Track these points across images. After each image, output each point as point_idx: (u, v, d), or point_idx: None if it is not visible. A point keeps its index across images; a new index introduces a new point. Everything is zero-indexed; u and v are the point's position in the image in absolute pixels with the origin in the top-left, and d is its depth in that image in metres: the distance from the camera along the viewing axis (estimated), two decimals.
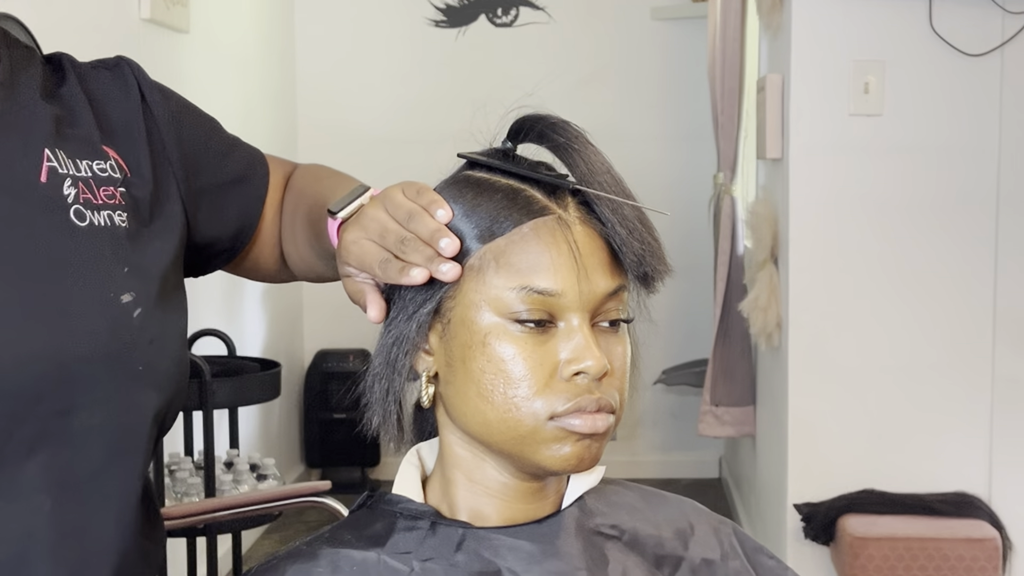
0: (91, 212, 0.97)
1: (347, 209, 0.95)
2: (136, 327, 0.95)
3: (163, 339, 0.98)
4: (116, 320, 0.94)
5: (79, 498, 0.94)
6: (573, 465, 0.86)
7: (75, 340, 0.92)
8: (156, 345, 0.97)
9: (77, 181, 0.98)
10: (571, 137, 0.90)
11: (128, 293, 0.96)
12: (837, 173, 2.75)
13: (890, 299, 2.77)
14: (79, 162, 0.99)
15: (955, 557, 2.56)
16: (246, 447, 3.70)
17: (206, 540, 2.56)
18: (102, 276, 0.95)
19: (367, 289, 0.92)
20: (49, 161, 0.97)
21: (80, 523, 0.94)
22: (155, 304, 0.98)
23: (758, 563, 1.00)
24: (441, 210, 0.87)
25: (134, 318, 0.95)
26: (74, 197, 0.96)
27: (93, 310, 0.93)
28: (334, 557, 0.88)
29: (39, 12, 1.95)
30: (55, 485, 0.93)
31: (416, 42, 4.64)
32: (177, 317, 1.02)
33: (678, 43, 4.63)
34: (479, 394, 0.86)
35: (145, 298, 0.97)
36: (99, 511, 0.95)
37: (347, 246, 0.92)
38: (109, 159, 1.01)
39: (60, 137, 0.99)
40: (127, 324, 0.95)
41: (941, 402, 2.77)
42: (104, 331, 0.93)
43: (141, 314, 0.96)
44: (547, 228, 0.86)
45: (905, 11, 2.69)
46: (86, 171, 0.99)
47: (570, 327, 0.86)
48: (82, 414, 0.93)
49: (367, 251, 0.90)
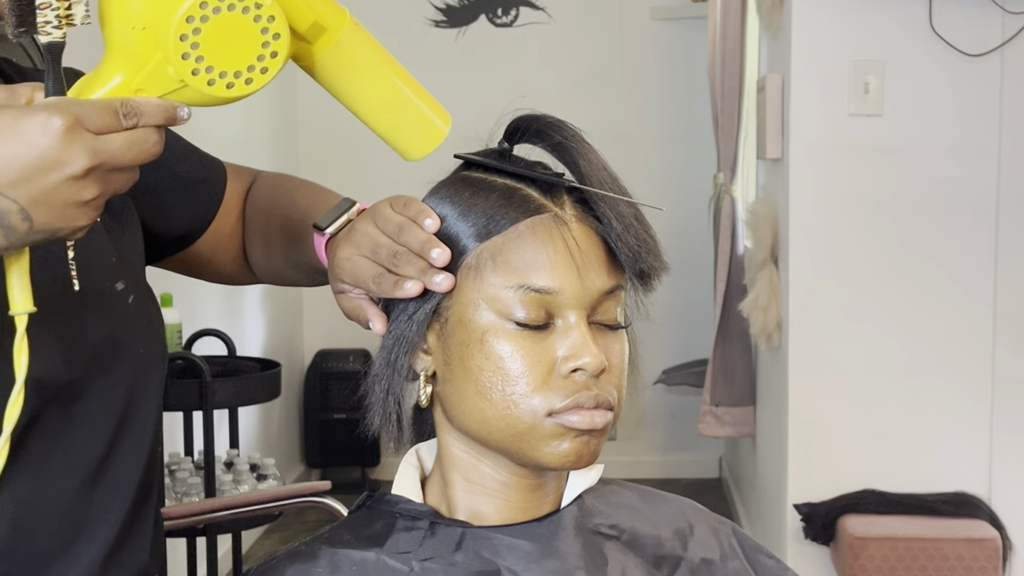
0: None
1: (335, 224, 0.96)
2: (133, 313, 0.99)
3: (153, 324, 1.02)
4: (117, 307, 0.97)
5: (88, 484, 0.95)
6: (572, 461, 0.86)
7: (86, 327, 0.93)
8: (150, 330, 1.01)
9: None
10: (567, 136, 0.90)
11: (120, 281, 0.98)
12: (837, 173, 2.75)
13: (890, 299, 2.76)
14: None
15: (955, 557, 2.56)
16: (246, 447, 3.70)
17: (206, 540, 2.56)
18: (100, 265, 0.97)
19: (365, 305, 0.93)
20: None
21: (87, 510, 0.95)
22: (143, 290, 1.02)
23: (758, 563, 1.00)
24: (428, 219, 0.88)
25: (130, 304, 0.98)
26: None
27: (99, 298, 0.95)
28: (333, 557, 0.88)
29: None
30: (64, 470, 0.93)
31: (416, 42, 4.64)
32: (154, 302, 1.06)
33: (678, 43, 4.63)
34: (477, 392, 0.86)
35: (134, 286, 1.00)
36: (107, 497, 0.96)
37: (341, 263, 0.92)
38: None
39: None
40: (126, 311, 0.98)
41: (941, 402, 2.77)
42: (110, 318, 0.96)
43: (135, 300, 0.99)
44: (544, 226, 0.86)
45: (905, 11, 2.68)
46: None
47: (567, 324, 0.86)
48: (91, 400, 0.94)
49: (360, 267, 0.90)
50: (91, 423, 0.95)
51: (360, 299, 0.93)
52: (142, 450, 0.99)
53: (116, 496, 0.97)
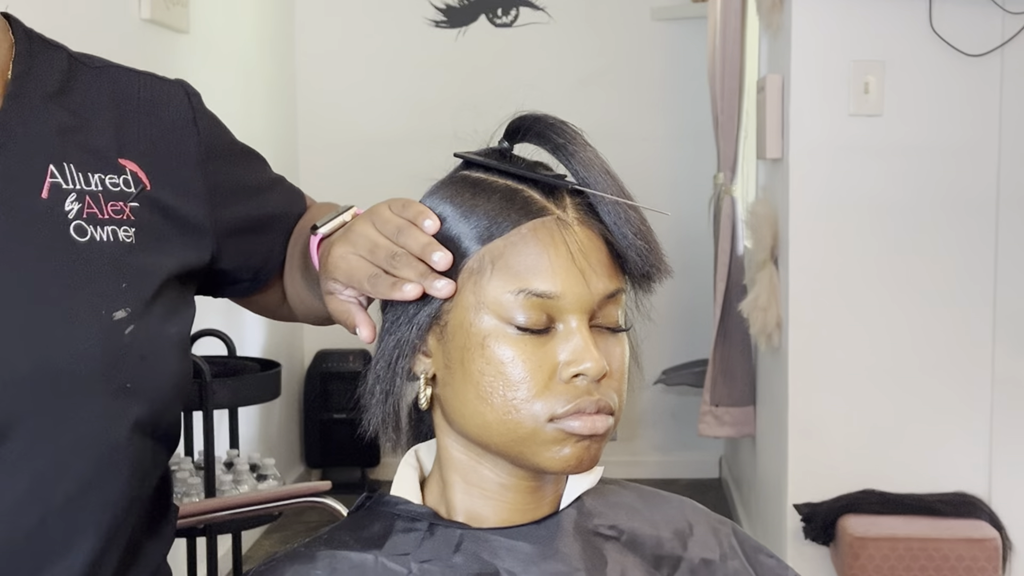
0: (93, 227, 0.97)
1: (329, 225, 0.95)
2: (126, 344, 0.95)
3: (157, 355, 0.98)
4: (107, 337, 0.94)
5: (62, 513, 0.93)
6: (573, 466, 0.86)
7: (64, 357, 0.91)
8: (148, 362, 0.96)
9: (84, 195, 0.98)
10: (568, 137, 0.89)
11: (123, 309, 0.95)
12: (837, 173, 2.75)
13: (890, 299, 2.76)
14: (90, 176, 0.99)
15: (955, 557, 2.56)
16: (246, 447, 3.70)
17: (206, 540, 2.56)
18: (97, 292, 0.95)
19: (353, 309, 0.91)
20: (53, 177, 0.97)
21: (62, 538, 0.93)
22: (152, 319, 0.98)
23: (757, 562, 0.99)
24: (428, 220, 0.87)
25: (125, 335, 0.95)
26: (76, 212, 0.97)
27: (84, 327, 0.93)
28: (332, 559, 0.88)
29: (39, 12, 1.95)
30: (38, 501, 0.92)
31: (416, 42, 4.64)
32: (177, 331, 1.01)
33: (678, 43, 4.63)
34: (478, 396, 0.86)
35: (140, 314, 0.96)
36: (82, 527, 0.94)
37: (335, 261, 0.90)
38: (125, 172, 1.01)
39: (69, 148, 0.99)
40: (118, 341, 0.94)
41: (941, 402, 2.77)
42: (94, 349, 0.93)
43: (133, 331, 0.95)
44: (546, 229, 0.86)
45: (905, 11, 2.68)
46: (96, 184, 0.99)
47: (569, 329, 0.85)
48: (65, 430, 0.92)
49: (355, 266, 0.89)
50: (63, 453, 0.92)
51: (349, 303, 0.91)
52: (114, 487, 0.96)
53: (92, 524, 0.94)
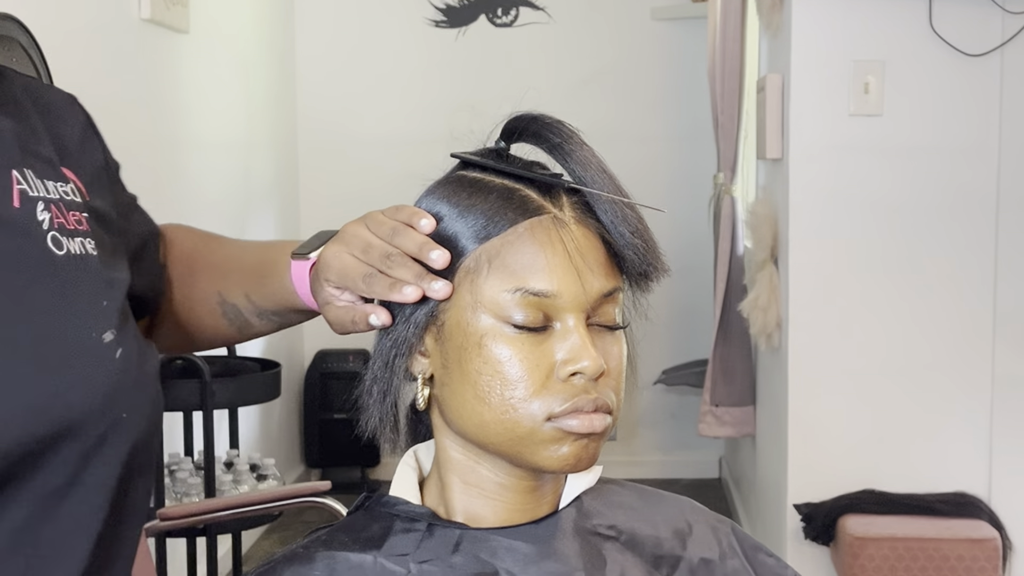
0: (66, 239, 0.87)
1: (318, 251, 0.94)
2: (120, 370, 0.85)
3: (143, 380, 0.89)
4: (103, 364, 0.84)
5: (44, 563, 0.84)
6: (571, 465, 0.86)
7: (69, 389, 0.82)
8: (138, 387, 0.87)
9: (49, 204, 0.88)
10: (565, 136, 0.89)
11: (109, 331, 0.86)
12: (837, 173, 2.75)
13: (890, 299, 2.76)
14: (47, 183, 0.89)
15: (955, 557, 2.56)
16: (246, 447, 3.70)
17: (206, 540, 2.57)
18: (85, 313, 0.85)
19: (357, 306, 0.90)
20: (19, 184, 0.86)
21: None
22: (133, 341, 0.89)
23: (757, 562, 0.99)
24: (424, 220, 0.86)
25: (117, 359, 0.85)
26: (49, 222, 0.86)
27: (82, 353, 0.83)
28: (331, 560, 0.88)
29: (39, 12, 1.95)
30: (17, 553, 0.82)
31: (416, 42, 4.64)
32: (152, 351, 0.93)
33: (678, 43, 4.63)
34: (476, 396, 0.86)
35: (124, 335, 0.87)
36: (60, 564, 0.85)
37: (328, 260, 0.90)
38: (69, 182, 0.92)
39: (24, 155, 0.89)
40: (112, 367, 0.85)
41: (941, 402, 2.77)
42: (95, 377, 0.83)
43: (123, 354, 0.86)
44: (543, 228, 0.86)
45: (905, 11, 2.68)
46: (54, 193, 0.89)
47: (566, 328, 0.85)
48: (50, 473, 0.82)
49: (349, 265, 0.88)
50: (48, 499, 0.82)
51: (348, 303, 0.91)
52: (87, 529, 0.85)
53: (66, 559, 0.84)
